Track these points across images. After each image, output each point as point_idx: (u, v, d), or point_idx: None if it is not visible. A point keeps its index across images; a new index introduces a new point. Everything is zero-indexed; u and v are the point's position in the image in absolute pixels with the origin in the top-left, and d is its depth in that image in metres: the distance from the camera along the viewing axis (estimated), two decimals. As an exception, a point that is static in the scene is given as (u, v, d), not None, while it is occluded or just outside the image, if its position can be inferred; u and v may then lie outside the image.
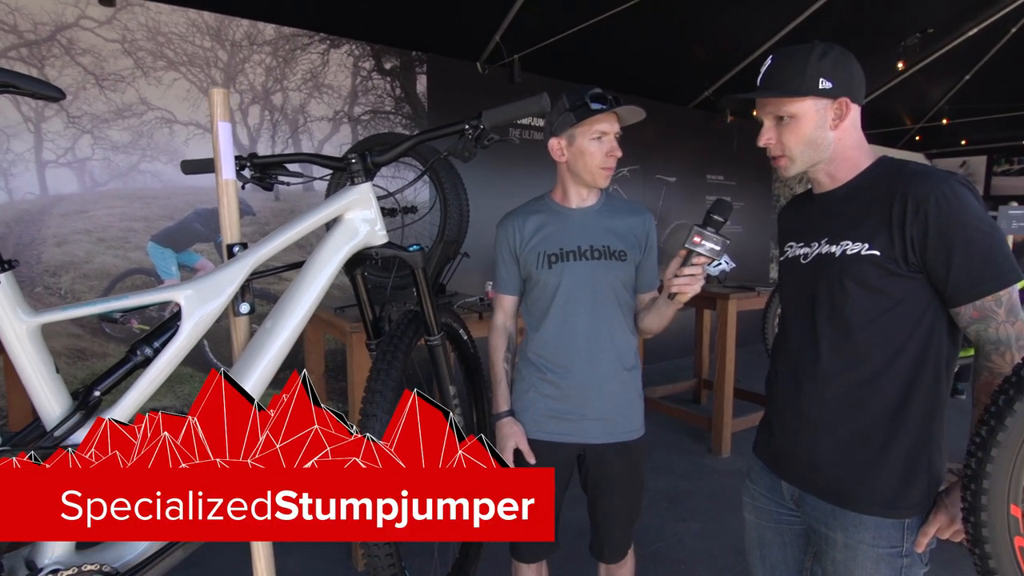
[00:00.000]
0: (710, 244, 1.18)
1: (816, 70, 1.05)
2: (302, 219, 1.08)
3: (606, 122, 1.43)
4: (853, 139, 1.11)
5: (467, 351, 1.70)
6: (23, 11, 3.03)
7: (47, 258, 3.17)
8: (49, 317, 0.80)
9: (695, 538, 2.58)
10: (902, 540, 1.06)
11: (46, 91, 0.74)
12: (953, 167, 8.60)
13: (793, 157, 1.12)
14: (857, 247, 1.06)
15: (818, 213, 1.17)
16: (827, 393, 1.11)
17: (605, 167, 1.46)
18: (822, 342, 1.12)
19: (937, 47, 5.46)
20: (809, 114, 1.07)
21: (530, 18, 4.08)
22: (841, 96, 1.07)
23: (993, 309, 0.98)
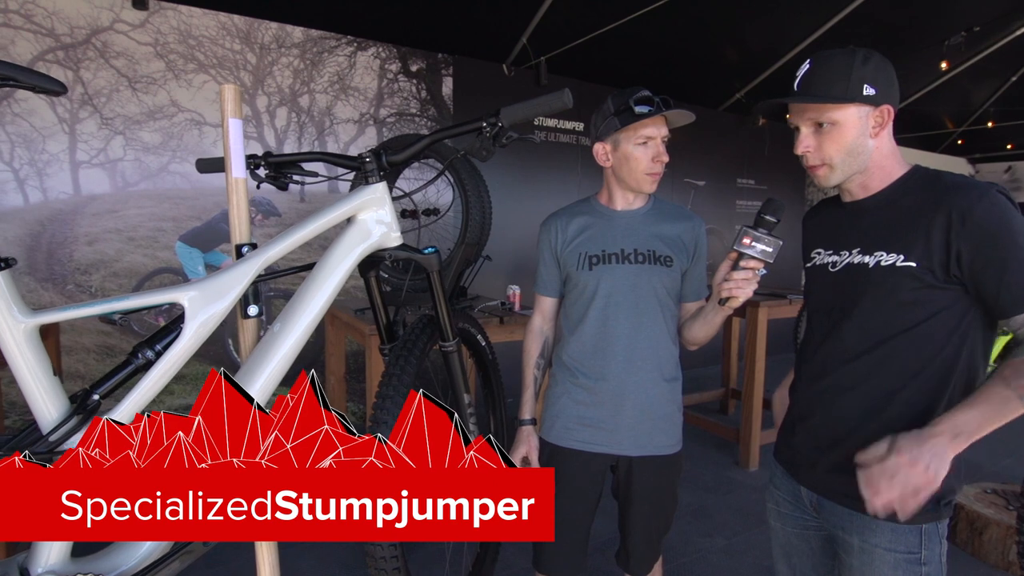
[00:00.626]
0: (762, 246, 1.13)
1: (861, 76, 1.02)
2: (313, 219, 1.05)
3: (652, 126, 1.37)
4: (889, 147, 1.08)
5: (485, 357, 1.65)
6: (60, 15, 3.10)
7: (79, 256, 3.24)
8: (46, 318, 0.78)
9: (720, 554, 2.49)
10: (920, 546, 1.04)
11: (46, 84, 0.72)
12: (998, 172, 8.27)
13: (834, 166, 1.08)
14: (892, 258, 1.03)
15: (848, 221, 1.13)
16: (849, 401, 1.10)
17: (651, 172, 1.41)
18: (848, 351, 1.10)
19: (983, 46, 5.24)
20: (852, 121, 1.04)
21: (557, 19, 4.04)
22: (884, 103, 1.04)
23: None
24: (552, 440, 1.50)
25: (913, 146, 7.39)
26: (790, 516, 1.24)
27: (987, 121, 6.76)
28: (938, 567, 1.05)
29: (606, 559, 1.76)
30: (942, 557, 1.06)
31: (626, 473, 1.48)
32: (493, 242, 2.32)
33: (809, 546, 1.22)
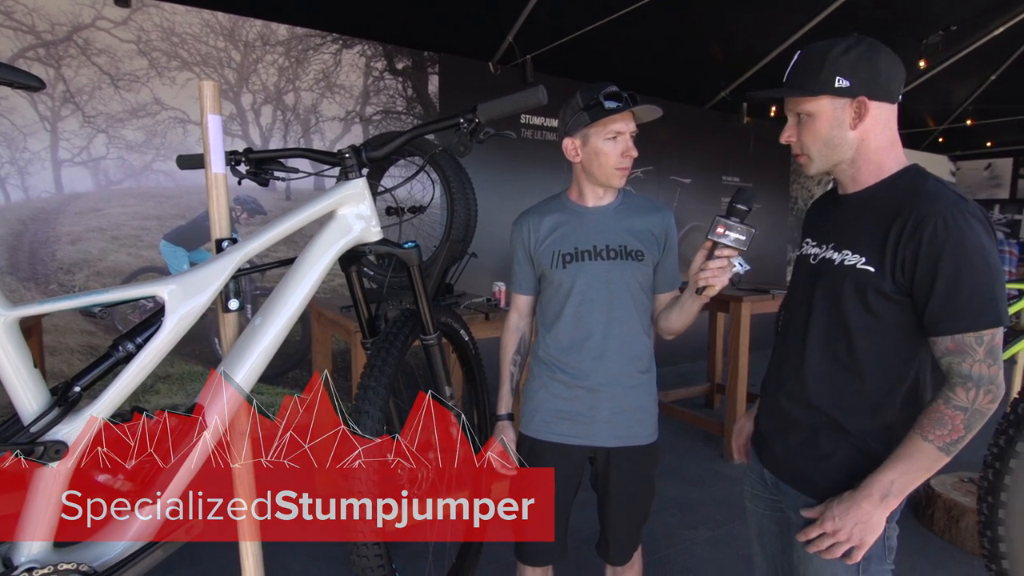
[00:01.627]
0: (735, 234, 1.15)
1: (834, 68, 1.01)
2: (294, 214, 1.06)
3: (621, 121, 1.38)
4: (880, 140, 1.05)
5: (468, 352, 1.67)
6: (41, 12, 3.07)
7: (62, 255, 3.21)
8: (26, 311, 0.79)
9: (704, 545, 2.52)
10: None
11: (24, 80, 0.73)
12: (978, 169, 8.39)
13: (811, 156, 1.09)
14: (855, 259, 1.05)
15: (835, 216, 1.15)
16: (799, 390, 1.14)
17: (620, 167, 1.42)
18: (809, 342, 1.13)
19: (961, 46, 5.33)
20: (825, 113, 1.04)
21: (543, 17, 4.06)
22: (860, 95, 1.02)
23: (972, 346, 0.96)
24: (531, 434, 1.53)
25: (895, 143, 7.49)
26: (760, 497, 1.29)
27: (967, 119, 6.87)
28: (880, 551, 1.07)
29: (588, 551, 1.78)
30: (887, 542, 1.08)
31: (604, 464, 1.50)
32: (479, 239, 2.33)
33: (778, 527, 1.26)
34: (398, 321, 1.27)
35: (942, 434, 0.96)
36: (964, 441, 0.97)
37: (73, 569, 0.80)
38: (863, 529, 1.00)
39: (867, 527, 1.00)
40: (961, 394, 0.96)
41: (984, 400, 0.96)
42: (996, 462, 1.82)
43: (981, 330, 0.95)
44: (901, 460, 0.99)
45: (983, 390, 0.95)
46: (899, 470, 0.99)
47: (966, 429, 0.96)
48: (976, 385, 0.95)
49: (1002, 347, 0.98)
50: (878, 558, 1.08)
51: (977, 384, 0.95)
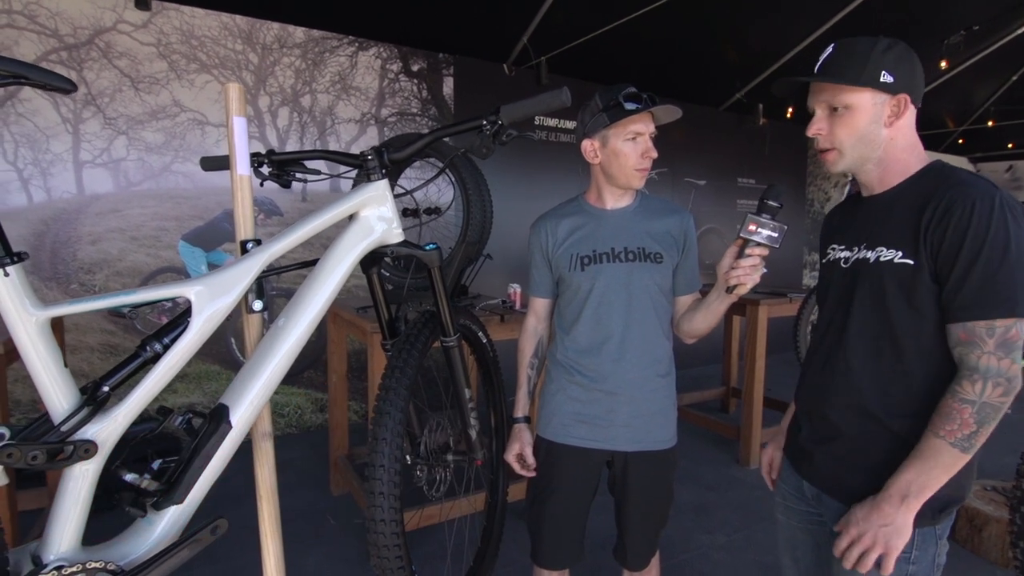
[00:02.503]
0: (767, 231, 1.13)
1: (879, 62, 1.01)
2: (316, 216, 1.07)
3: (641, 122, 1.38)
4: (907, 140, 1.06)
5: (486, 354, 1.67)
6: (63, 15, 3.12)
7: (82, 255, 3.26)
8: (57, 311, 0.80)
9: (720, 551, 2.50)
10: (911, 546, 1.03)
11: (56, 82, 0.74)
12: (999, 171, 8.26)
13: (843, 151, 1.07)
14: (891, 254, 1.03)
15: (863, 216, 1.13)
16: (843, 397, 1.11)
17: (640, 168, 1.41)
18: (845, 347, 1.10)
19: (983, 46, 5.25)
20: (866, 107, 1.03)
21: (558, 19, 4.05)
22: (901, 92, 1.02)
23: (983, 336, 0.93)
24: (549, 437, 1.52)
25: (914, 145, 7.39)
26: (795, 510, 1.25)
27: (987, 120, 6.76)
28: (929, 568, 1.05)
29: (605, 555, 1.77)
30: (936, 559, 1.05)
31: (622, 469, 1.49)
32: (494, 241, 2.33)
33: (813, 540, 1.23)
34: (418, 323, 1.27)
35: (952, 429, 0.94)
36: (978, 437, 0.94)
37: (101, 568, 0.81)
38: (888, 532, 0.97)
39: (891, 530, 0.97)
40: (968, 387, 0.94)
41: (994, 393, 0.93)
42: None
43: (993, 319, 0.92)
44: (917, 459, 0.97)
45: (991, 382, 0.92)
46: (915, 470, 0.97)
47: (977, 424, 0.93)
48: (983, 377, 0.92)
49: (1021, 344, 0.94)
50: (925, 574, 1.05)
51: (984, 376, 0.92)
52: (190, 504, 0.90)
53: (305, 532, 2.55)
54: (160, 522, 0.88)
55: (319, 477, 3.12)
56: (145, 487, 0.86)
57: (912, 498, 0.97)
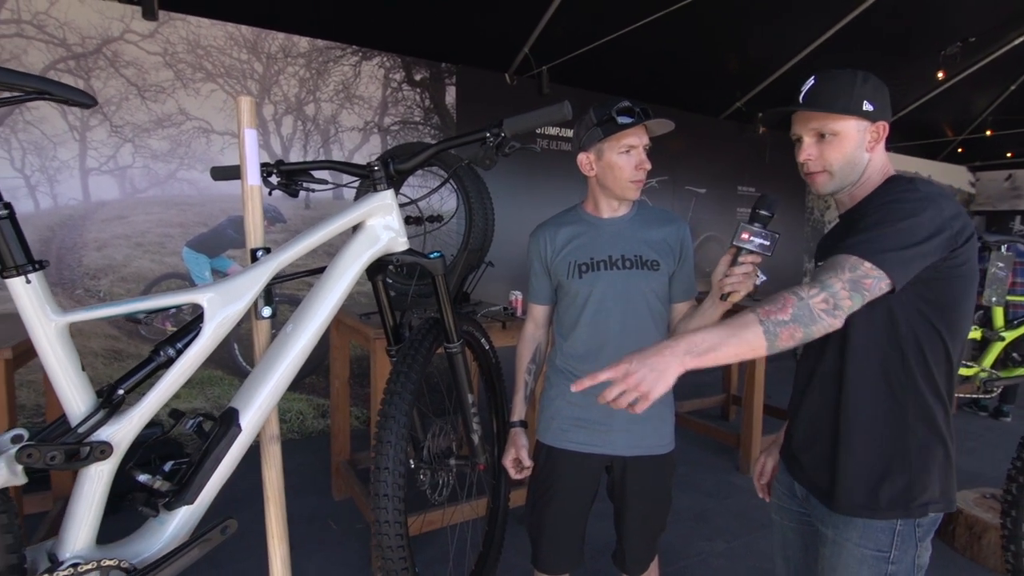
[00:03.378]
0: (759, 240, 1.17)
1: (861, 93, 1.09)
2: (324, 225, 1.10)
3: (634, 135, 1.41)
4: (881, 160, 1.15)
5: (488, 360, 1.69)
6: (72, 25, 3.17)
7: (88, 261, 3.29)
8: (76, 317, 0.83)
9: (720, 558, 2.51)
10: (890, 546, 1.07)
11: (78, 97, 0.77)
12: (998, 180, 8.30)
13: (833, 173, 1.13)
14: None
15: (838, 232, 1.21)
16: (823, 399, 1.16)
17: (634, 180, 1.44)
18: (827, 352, 1.16)
19: (980, 56, 5.30)
20: (851, 133, 1.11)
21: (559, 29, 4.10)
22: (880, 120, 1.11)
23: (843, 267, 0.97)
24: (548, 442, 1.54)
25: (914, 154, 7.44)
26: (787, 509, 1.29)
27: (986, 130, 6.81)
28: (909, 569, 1.07)
29: (603, 561, 1.79)
30: (917, 560, 1.08)
31: (620, 473, 1.51)
32: (495, 248, 2.36)
33: (803, 540, 1.26)
34: (422, 329, 1.30)
35: (768, 309, 0.94)
36: (786, 329, 0.93)
37: (115, 565, 0.83)
38: (656, 378, 0.92)
39: (660, 376, 0.92)
40: (805, 288, 0.96)
41: (819, 301, 0.94)
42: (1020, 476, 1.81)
43: (859, 257, 0.96)
44: (723, 325, 0.95)
45: (824, 294, 0.94)
46: (715, 333, 0.94)
47: (792, 317, 0.93)
48: (821, 288, 0.95)
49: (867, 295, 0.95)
50: (905, 574, 1.07)
51: (822, 288, 0.95)
52: (201, 504, 0.92)
53: (307, 536, 2.56)
54: (172, 522, 0.90)
55: (321, 482, 3.13)
56: (157, 488, 0.89)
57: (693, 355, 0.93)
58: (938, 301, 1.04)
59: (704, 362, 0.93)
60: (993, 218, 8.41)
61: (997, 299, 3.12)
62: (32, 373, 3.06)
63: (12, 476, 0.77)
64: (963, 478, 3.27)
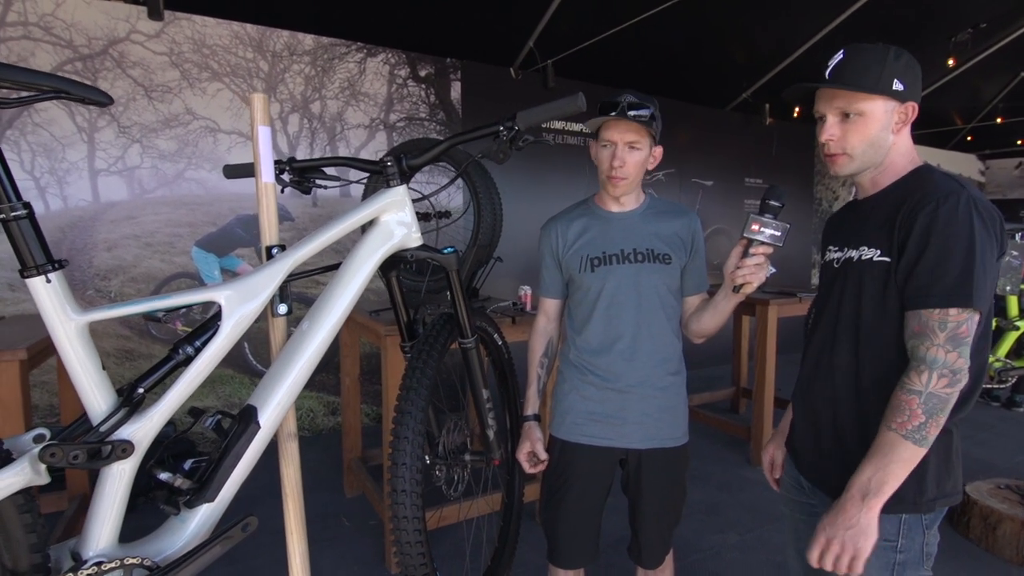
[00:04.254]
0: (770, 231, 1.16)
1: (892, 70, 1.03)
2: (338, 221, 1.09)
3: (614, 130, 1.40)
4: (906, 146, 1.10)
5: (501, 355, 1.69)
6: (78, 27, 3.18)
7: (98, 262, 3.31)
8: (96, 315, 0.83)
9: (733, 550, 2.51)
10: (897, 535, 1.06)
11: (95, 96, 0.77)
12: (1008, 168, 8.22)
13: (854, 156, 1.09)
14: (871, 253, 1.07)
15: (854, 218, 1.17)
16: (833, 392, 1.14)
17: (611, 176, 1.43)
18: (838, 343, 1.13)
19: (991, 42, 5.23)
20: (878, 114, 1.06)
21: (564, 23, 4.08)
22: (909, 100, 1.06)
23: (935, 329, 0.95)
24: (562, 436, 1.54)
25: (923, 143, 7.37)
26: (796, 502, 1.29)
27: (996, 117, 6.73)
28: (917, 557, 1.07)
29: (619, 555, 1.79)
30: (926, 548, 1.07)
31: (635, 466, 1.51)
32: (504, 243, 2.36)
33: (813, 531, 1.25)
34: (437, 325, 1.30)
35: (902, 421, 0.95)
36: (928, 428, 0.94)
37: (138, 563, 0.83)
38: (855, 534, 0.98)
39: (857, 532, 0.98)
40: (915, 378, 0.95)
41: (939, 384, 0.94)
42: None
43: (946, 308, 0.94)
44: (874, 455, 0.98)
45: (936, 373, 0.94)
46: (873, 466, 0.97)
47: (926, 415, 0.94)
48: (929, 368, 0.94)
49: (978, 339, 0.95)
50: (914, 563, 1.07)
51: (930, 367, 0.94)
52: (221, 502, 0.93)
53: (321, 533, 2.58)
54: (193, 520, 0.90)
55: (333, 479, 3.15)
56: (178, 485, 0.89)
57: (872, 496, 0.97)
58: None
59: (884, 496, 0.98)
60: (1004, 207, 8.33)
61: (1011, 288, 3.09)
62: (45, 374, 3.08)
63: (36, 475, 0.77)
64: (977, 468, 3.26)
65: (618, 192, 1.47)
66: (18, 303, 3.11)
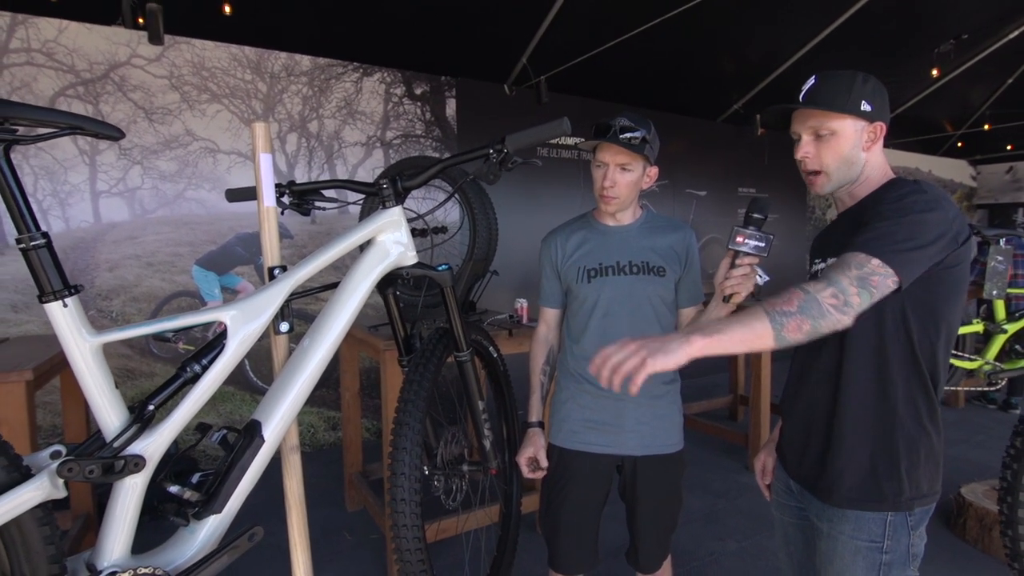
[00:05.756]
0: (754, 242, 1.21)
1: (860, 93, 1.12)
2: (337, 242, 1.14)
3: (606, 152, 1.47)
4: (877, 161, 1.18)
5: (497, 368, 1.73)
6: (80, 52, 3.25)
7: (100, 282, 3.35)
8: (110, 337, 0.87)
9: (731, 558, 2.53)
10: (883, 536, 1.10)
11: (108, 132, 0.82)
12: (999, 173, 8.31)
13: (830, 174, 1.17)
14: None
15: (836, 230, 1.24)
16: (817, 396, 1.19)
17: (602, 195, 1.50)
18: (822, 349, 1.18)
19: (975, 52, 5.33)
20: (848, 132, 1.14)
21: (556, 39, 4.16)
22: (877, 120, 1.14)
23: (851, 264, 0.97)
24: (560, 443, 1.58)
25: (914, 150, 7.46)
26: (786, 506, 1.33)
27: (985, 123, 6.83)
28: (904, 558, 1.10)
29: (618, 562, 1.82)
30: (911, 549, 1.11)
31: (631, 473, 1.55)
32: (500, 257, 2.41)
33: (804, 535, 1.29)
34: (433, 339, 1.34)
35: (775, 302, 0.95)
36: (792, 320, 0.93)
37: (150, 573, 0.87)
38: (656, 347, 0.89)
39: (660, 347, 0.89)
40: (813, 284, 0.96)
41: (827, 298, 0.94)
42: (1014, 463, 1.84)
43: (866, 254, 0.97)
44: (731, 316, 0.97)
45: (833, 289, 0.95)
46: (723, 320, 0.95)
47: (799, 309, 0.93)
48: (830, 283, 0.95)
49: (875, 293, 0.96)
50: (900, 564, 1.10)
51: (831, 283, 0.95)
52: (228, 513, 0.97)
53: (323, 547, 2.60)
54: (201, 531, 0.94)
55: (334, 494, 3.17)
56: (187, 498, 0.93)
57: (700, 337, 0.91)
58: (926, 299, 1.07)
59: (711, 345, 0.91)
60: (995, 211, 8.41)
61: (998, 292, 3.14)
62: (47, 395, 3.11)
63: (54, 490, 0.81)
64: (972, 471, 3.29)
65: (611, 209, 1.53)
66: (21, 324, 3.15)
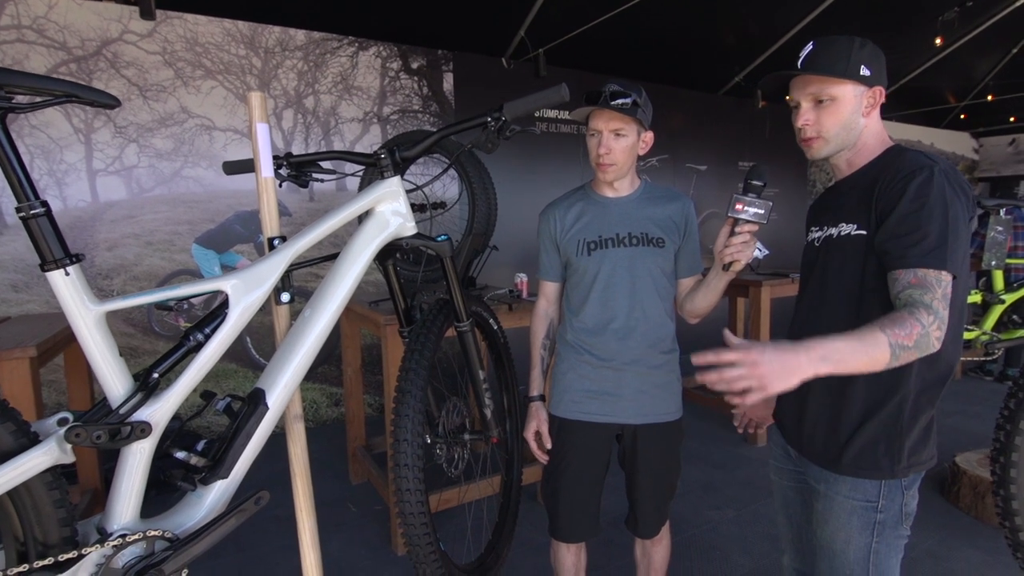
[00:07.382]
0: (753, 209, 1.22)
1: (859, 57, 1.12)
2: (336, 213, 1.14)
3: (598, 119, 1.47)
4: (875, 128, 1.17)
5: (497, 340, 1.74)
6: (71, 29, 3.21)
7: (99, 262, 3.36)
8: (113, 305, 0.88)
9: (729, 525, 2.58)
10: (878, 496, 1.13)
11: (104, 99, 0.82)
12: (1001, 145, 8.25)
13: (828, 139, 1.16)
14: (849, 228, 1.14)
15: (833, 199, 1.24)
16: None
17: (599, 163, 1.50)
18: (820, 317, 1.19)
19: (979, 21, 5.26)
20: (848, 98, 1.13)
21: (554, 11, 4.11)
22: (876, 85, 1.13)
23: (933, 284, 0.99)
24: (560, 414, 1.60)
25: (917, 122, 7.39)
26: (784, 470, 1.35)
27: (988, 95, 6.76)
28: (897, 516, 1.13)
29: (619, 532, 1.85)
30: (904, 508, 1.14)
31: (631, 441, 1.58)
32: (499, 232, 2.41)
33: (802, 498, 1.32)
34: (433, 309, 1.35)
35: (898, 333, 0.96)
36: (908, 354, 0.96)
37: (159, 535, 0.89)
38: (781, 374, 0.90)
39: (787, 375, 0.90)
40: (924, 315, 0.97)
41: (934, 330, 0.97)
42: (1007, 424, 1.88)
43: (940, 271, 0.99)
44: (854, 338, 0.96)
45: (939, 323, 0.98)
46: (849, 346, 0.95)
47: (915, 344, 0.96)
48: (935, 315, 0.98)
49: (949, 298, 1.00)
50: (894, 523, 1.14)
51: (935, 315, 0.98)
52: (234, 478, 0.99)
53: (328, 519, 2.65)
54: (208, 495, 0.96)
55: (338, 467, 3.22)
56: (194, 463, 0.95)
57: (828, 363, 0.92)
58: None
59: (834, 370, 0.93)
60: (998, 183, 8.37)
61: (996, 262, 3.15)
62: (51, 373, 3.14)
63: (63, 454, 0.83)
64: (968, 441, 3.33)
65: (608, 177, 1.52)
66: (22, 304, 3.16)
